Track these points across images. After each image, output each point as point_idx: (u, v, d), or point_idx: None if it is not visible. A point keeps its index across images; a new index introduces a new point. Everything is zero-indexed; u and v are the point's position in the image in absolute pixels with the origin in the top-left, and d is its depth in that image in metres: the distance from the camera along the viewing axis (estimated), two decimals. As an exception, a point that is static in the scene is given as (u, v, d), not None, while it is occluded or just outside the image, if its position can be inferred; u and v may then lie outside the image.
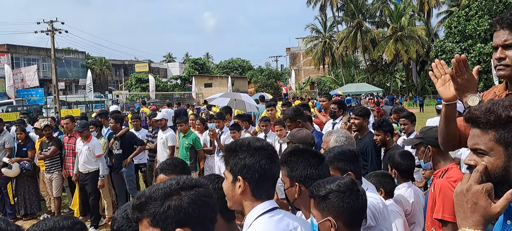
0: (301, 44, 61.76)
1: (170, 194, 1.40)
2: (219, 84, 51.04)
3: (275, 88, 54.69)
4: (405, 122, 6.04)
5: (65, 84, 50.05)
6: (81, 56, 59.18)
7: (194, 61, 65.42)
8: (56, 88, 31.85)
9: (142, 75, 56.64)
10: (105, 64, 61.74)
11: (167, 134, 8.10)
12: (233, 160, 1.87)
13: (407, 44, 42.79)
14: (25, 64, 46.30)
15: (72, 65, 55.84)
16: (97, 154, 7.44)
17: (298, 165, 2.15)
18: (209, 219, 1.46)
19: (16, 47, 49.44)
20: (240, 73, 68.47)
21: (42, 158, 8.06)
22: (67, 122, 8.09)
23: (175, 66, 76.58)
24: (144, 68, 64.67)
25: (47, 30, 31.70)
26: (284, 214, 1.88)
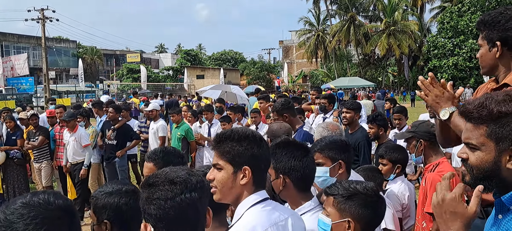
0: (294, 37, 61.74)
1: (144, 186, 1.52)
2: (211, 76, 50.88)
3: (268, 81, 54.67)
4: (399, 116, 6.06)
5: (55, 74, 49.51)
6: (72, 45, 58.61)
7: (186, 52, 65.10)
8: (46, 77, 31.55)
9: (134, 65, 56.27)
10: (97, 54, 61.26)
11: (158, 124, 8.10)
12: (237, 148, 1.77)
13: (400, 39, 42.92)
14: (15, 52, 45.77)
15: (63, 54, 55.28)
16: (83, 144, 7.37)
17: (282, 157, 2.14)
18: (173, 218, 1.48)
19: (6, 35, 48.84)
20: (233, 65, 68.29)
21: (29, 148, 7.97)
22: (60, 111, 8.01)
23: (167, 57, 76.15)
24: (135, 58, 64.19)
25: (38, 18, 31.38)
26: (275, 205, 1.86)
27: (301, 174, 2.12)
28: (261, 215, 1.76)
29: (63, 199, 1.44)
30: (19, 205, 1.25)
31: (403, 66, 46.42)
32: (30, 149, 7.99)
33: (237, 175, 1.78)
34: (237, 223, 1.76)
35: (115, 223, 1.98)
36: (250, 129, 1.89)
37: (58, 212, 1.29)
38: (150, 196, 1.47)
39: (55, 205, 1.29)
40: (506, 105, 1.32)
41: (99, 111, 8.65)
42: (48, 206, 1.27)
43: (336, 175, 2.50)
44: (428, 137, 3.15)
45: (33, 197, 1.29)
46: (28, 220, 1.23)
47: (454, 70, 39.54)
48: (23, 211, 1.24)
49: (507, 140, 1.32)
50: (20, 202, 1.27)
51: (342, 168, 2.52)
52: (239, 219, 1.77)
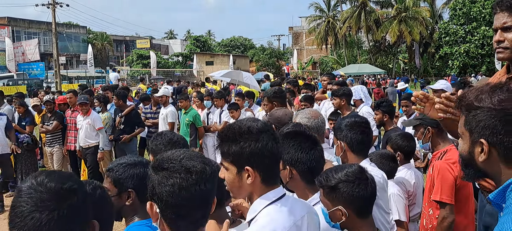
0: (304, 23, 61.25)
1: (155, 168, 1.49)
2: (220, 63, 50.82)
3: (277, 67, 54.48)
4: (406, 103, 6.03)
5: (66, 59, 49.87)
6: (82, 31, 58.88)
7: (195, 39, 65.01)
8: (57, 63, 31.76)
9: (144, 51, 56.36)
10: (106, 40, 61.46)
11: (168, 110, 8.17)
12: (234, 149, 1.68)
13: (411, 26, 42.42)
14: (26, 38, 46.16)
15: (73, 39, 55.58)
16: (97, 127, 7.47)
17: (289, 148, 2.12)
18: (176, 206, 1.46)
19: (16, 20, 49.16)
20: (242, 51, 68.11)
21: (43, 132, 8.10)
22: (70, 96, 8.11)
23: (177, 43, 76.18)
24: (145, 44, 64.36)
25: (48, 3, 31.49)
26: (292, 202, 1.80)
27: (308, 167, 2.10)
28: (280, 217, 1.69)
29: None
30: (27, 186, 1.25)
31: (414, 53, 45.94)
32: (43, 133, 8.11)
33: (242, 175, 1.70)
34: (254, 224, 1.71)
35: (139, 192, 2.06)
36: (248, 123, 1.75)
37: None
38: (163, 181, 1.44)
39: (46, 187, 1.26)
40: (480, 98, 1.32)
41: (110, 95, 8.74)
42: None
43: (339, 154, 2.63)
44: (436, 124, 3.15)
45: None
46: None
47: (465, 58, 39.09)
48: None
49: (475, 132, 1.34)
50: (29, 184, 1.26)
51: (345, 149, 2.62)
52: (255, 219, 1.72)
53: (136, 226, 2.03)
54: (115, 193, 2.07)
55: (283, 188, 1.79)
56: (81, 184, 1.33)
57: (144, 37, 73.62)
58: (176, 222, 1.47)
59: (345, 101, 5.45)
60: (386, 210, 2.58)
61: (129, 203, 2.08)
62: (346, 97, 5.47)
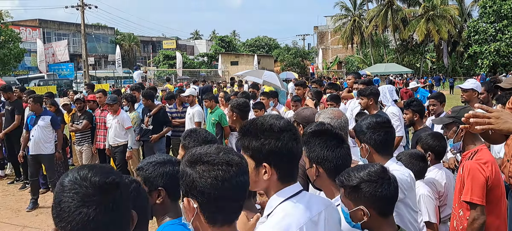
0: (330, 22, 60.84)
1: (189, 163, 1.49)
2: (245, 63, 50.96)
3: (302, 67, 54.29)
4: (434, 102, 5.93)
5: (94, 60, 51.02)
6: (110, 32, 60.11)
7: (220, 39, 65.42)
8: (86, 63, 32.48)
9: (170, 52, 57.06)
10: (134, 41, 62.53)
11: (194, 109, 8.26)
12: (254, 145, 1.71)
13: (439, 24, 41.63)
14: (56, 39, 47.38)
15: (101, 40, 56.80)
16: (126, 126, 7.61)
17: (315, 146, 2.11)
18: (216, 199, 1.46)
19: (47, 22, 50.57)
20: (267, 51, 68.15)
21: (73, 130, 8.30)
22: (99, 96, 8.28)
23: (202, 43, 76.83)
24: (171, 45, 65.14)
25: (78, 5, 32.26)
26: (309, 198, 1.80)
27: (334, 165, 2.09)
28: (295, 212, 1.70)
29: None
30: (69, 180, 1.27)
31: (442, 52, 45.08)
32: (73, 132, 8.32)
33: (259, 170, 1.72)
34: (270, 219, 1.71)
35: (169, 190, 2.10)
36: (271, 120, 1.76)
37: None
38: (205, 174, 1.44)
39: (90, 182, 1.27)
40: None
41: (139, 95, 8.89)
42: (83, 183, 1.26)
43: (365, 156, 2.60)
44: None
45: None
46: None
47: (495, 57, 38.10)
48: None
49: None
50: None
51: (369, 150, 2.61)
52: (271, 214, 1.72)
53: (169, 225, 2.04)
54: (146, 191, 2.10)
55: (300, 185, 1.80)
56: (122, 177, 1.35)
57: (170, 38, 74.53)
58: (215, 216, 1.48)
59: (372, 101, 5.39)
60: (414, 209, 2.55)
61: (159, 201, 2.09)
62: (374, 97, 5.41)
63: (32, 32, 46.47)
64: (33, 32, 46.53)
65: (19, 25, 44.97)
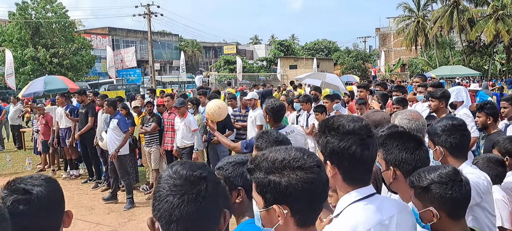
0: (392, 24, 59.19)
1: (273, 170, 1.45)
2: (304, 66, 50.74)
3: (363, 70, 53.19)
4: (505, 104, 5.64)
5: (160, 65, 53.08)
6: (175, 39, 62.34)
7: (279, 43, 65.58)
8: (152, 69, 33.87)
9: (230, 57, 58.04)
10: (197, 47, 64.41)
11: (257, 113, 8.34)
12: (322, 141, 1.76)
13: (509, 24, 39.17)
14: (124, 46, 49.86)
15: (166, 47, 59.04)
16: (192, 129, 7.88)
17: (393, 149, 2.08)
18: (311, 201, 1.45)
19: (116, 30, 53.32)
20: (326, 55, 67.42)
21: (143, 132, 8.71)
22: (167, 99, 8.64)
23: (261, 48, 77.46)
24: (232, 50, 66.25)
25: (145, 13, 33.72)
26: (381, 202, 1.77)
27: (413, 167, 2.04)
28: (364, 214, 1.69)
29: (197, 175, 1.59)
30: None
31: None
32: (142, 133, 8.73)
33: (326, 166, 1.71)
34: (337, 219, 1.72)
35: (248, 189, 2.12)
36: (343, 120, 1.76)
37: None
38: (298, 179, 1.42)
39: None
40: None
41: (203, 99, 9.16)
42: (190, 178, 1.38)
43: (438, 159, 2.53)
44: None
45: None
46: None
47: None
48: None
49: None
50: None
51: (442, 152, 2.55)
52: (339, 215, 1.72)
53: (249, 224, 2.05)
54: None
55: (372, 188, 1.78)
56: (212, 174, 1.42)
57: (230, 43, 75.89)
58: (308, 217, 1.48)
59: (443, 104, 5.21)
60: (492, 213, 2.46)
61: (239, 200, 2.14)
62: (446, 100, 5.24)
63: (102, 39, 49.20)
64: (103, 39, 49.25)
65: (90, 33, 47.78)
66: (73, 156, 10.08)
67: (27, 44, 34.84)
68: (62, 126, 10.02)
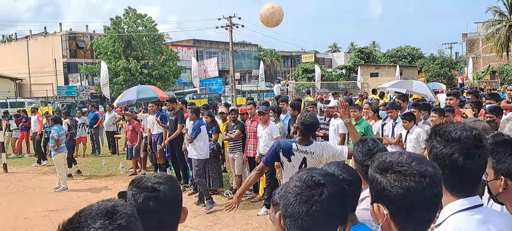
0: (481, 29, 55.47)
1: (379, 170, 1.52)
2: (386, 74, 49.19)
3: (449, 78, 50.40)
4: None
5: (240, 75, 54.46)
6: (254, 49, 63.73)
7: (359, 51, 64.25)
8: (233, 78, 34.85)
9: (308, 65, 57.95)
10: (275, 56, 65.15)
11: (339, 121, 8.26)
12: (429, 145, 1.74)
13: None
14: (207, 57, 51.89)
15: (246, 57, 60.49)
16: (274, 136, 8.03)
17: (506, 158, 1.95)
18: (408, 209, 1.45)
19: (200, 41, 55.72)
20: (409, 62, 64.87)
21: (227, 139, 9.03)
22: (250, 107, 8.91)
23: (340, 56, 76.44)
24: (310, 58, 66.13)
25: (227, 25, 34.85)
26: (490, 212, 1.72)
27: None
28: (468, 225, 1.63)
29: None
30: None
31: None
32: (227, 140, 9.06)
33: None
34: (439, 228, 1.68)
35: None
36: (453, 127, 1.72)
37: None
38: (396, 184, 1.44)
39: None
40: None
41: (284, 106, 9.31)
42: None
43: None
44: None
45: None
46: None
47: None
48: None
49: None
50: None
51: None
52: (441, 225, 1.69)
53: (359, 226, 2.07)
54: None
55: (479, 199, 1.71)
56: (334, 184, 1.48)
57: (309, 51, 75.79)
58: (406, 225, 1.48)
59: None
60: None
61: None
62: None
63: (187, 51, 51.61)
64: (188, 51, 51.65)
65: (177, 45, 50.35)
66: (161, 161, 10.70)
67: (120, 56, 37.55)
68: (154, 132, 10.70)
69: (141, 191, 1.71)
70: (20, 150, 16.29)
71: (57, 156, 10.18)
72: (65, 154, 10.61)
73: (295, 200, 1.43)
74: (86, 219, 1.17)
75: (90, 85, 45.73)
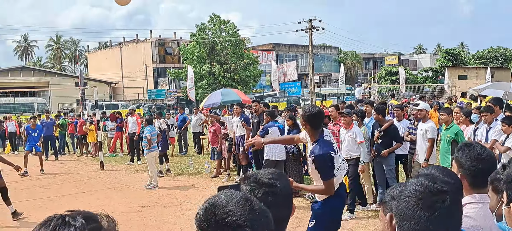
0: None
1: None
2: (475, 76, 46.26)
3: (550, 80, 46.15)
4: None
5: (319, 78, 54.21)
6: (334, 51, 63.08)
7: (447, 52, 61.01)
8: (312, 82, 34.77)
9: (392, 68, 56.18)
10: (356, 58, 63.95)
11: (428, 125, 7.94)
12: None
13: None
14: (286, 60, 52.27)
15: (326, 59, 60.01)
16: (358, 141, 7.92)
17: None
18: None
19: (279, 45, 56.32)
20: (502, 63, 60.39)
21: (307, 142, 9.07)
22: (332, 110, 8.87)
23: (426, 57, 73.16)
24: (393, 60, 64.11)
25: (307, 28, 34.86)
26: None
27: None
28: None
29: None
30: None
31: None
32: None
33: None
34: None
35: None
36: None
37: None
38: None
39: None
40: None
41: (368, 109, 9.16)
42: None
43: None
44: None
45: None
46: None
47: None
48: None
49: None
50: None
51: None
52: None
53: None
54: None
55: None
56: (453, 189, 1.52)
57: (392, 53, 73.37)
58: None
59: None
60: None
61: None
62: None
63: (267, 55, 52.37)
64: (268, 55, 52.38)
65: (257, 49, 51.34)
66: (244, 162, 10.99)
67: (204, 61, 39.13)
68: (237, 134, 11.05)
69: (259, 186, 1.80)
70: (114, 149, 17.62)
71: (149, 155, 10.87)
72: (156, 153, 11.31)
73: (416, 205, 1.45)
74: (227, 202, 1.27)
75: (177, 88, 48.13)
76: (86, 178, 12.69)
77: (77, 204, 9.40)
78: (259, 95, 38.10)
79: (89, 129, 17.00)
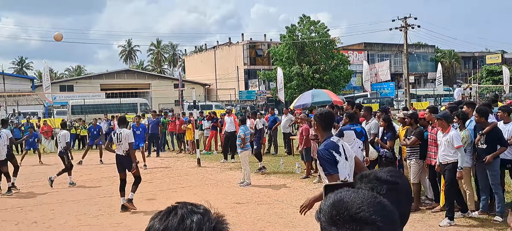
0: None
1: None
2: None
3: None
4: None
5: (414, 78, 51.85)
6: (431, 50, 59.97)
7: (561, 49, 55.07)
8: (407, 82, 33.43)
9: (494, 67, 52.07)
10: (454, 57, 60.24)
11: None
12: None
13: None
14: (378, 60, 50.78)
15: (421, 59, 57.27)
16: (455, 145, 7.58)
17: None
18: None
19: (371, 44, 54.84)
20: None
21: (404, 144, 8.86)
22: (427, 113, 8.60)
23: (535, 55, 66.67)
24: (496, 59, 59.45)
25: (401, 26, 33.59)
26: None
27: None
28: None
29: None
30: None
31: None
32: (404, 146, 8.90)
33: None
34: None
35: None
36: None
37: None
38: None
39: None
40: None
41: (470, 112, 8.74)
42: None
43: None
44: None
45: None
46: None
47: None
48: None
49: None
50: None
51: None
52: None
53: None
54: None
55: None
56: None
57: (494, 52, 67.87)
58: None
59: None
60: None
61: None
62: None
63: (358, 55, 51.31)
64: (359, 55, 51.30)
65: (348, 49, 50.53)
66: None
67: (293, 62, 39.45)
68: (327, 136, 11.10)
69: (382, 183, 1.82)
70: (210, 146, 18.54)
71: (243, 153, 11.33)
72: (249, 151, 11.75)
73: None
74: (356, 198, 1.33)
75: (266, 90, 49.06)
76: (184, 174, 13.56)
77: (177, 198, 10.07)
78: (350, 96, 37.50)
79: (187, 127, 18.12)
